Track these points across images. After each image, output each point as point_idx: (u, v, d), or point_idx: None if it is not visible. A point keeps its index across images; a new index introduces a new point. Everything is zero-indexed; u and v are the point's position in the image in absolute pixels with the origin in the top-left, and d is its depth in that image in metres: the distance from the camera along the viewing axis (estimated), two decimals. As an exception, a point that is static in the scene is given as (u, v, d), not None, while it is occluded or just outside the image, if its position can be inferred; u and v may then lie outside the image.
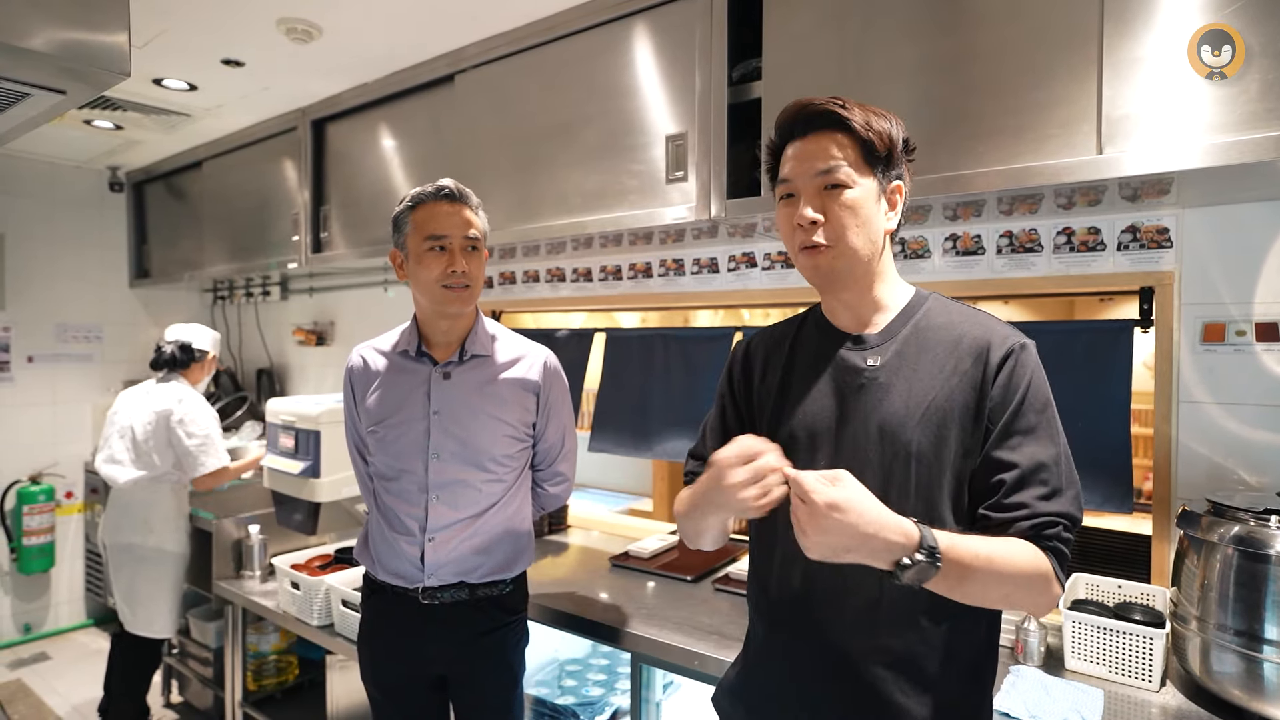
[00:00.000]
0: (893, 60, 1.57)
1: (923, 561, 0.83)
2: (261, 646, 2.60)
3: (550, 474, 1.66)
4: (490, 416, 1.51)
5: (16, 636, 3.75)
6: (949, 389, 0.96)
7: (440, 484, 1.49)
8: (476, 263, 1.50)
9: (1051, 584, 0.91)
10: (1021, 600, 0.92)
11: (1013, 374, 0.95)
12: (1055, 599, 0.93)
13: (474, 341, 1.54)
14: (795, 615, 1.03)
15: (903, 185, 1.02)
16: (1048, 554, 0.91)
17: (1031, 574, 0.90)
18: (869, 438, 0.97)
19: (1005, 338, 0.97)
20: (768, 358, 1.12)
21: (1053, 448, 0.93)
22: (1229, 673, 1.27)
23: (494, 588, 1.53)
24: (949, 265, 1.89)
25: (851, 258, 0.99)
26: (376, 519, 1.56)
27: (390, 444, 1.51)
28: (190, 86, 2.74)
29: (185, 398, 2.66)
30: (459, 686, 1.55)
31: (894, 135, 1.00)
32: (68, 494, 3.89)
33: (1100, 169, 1.33)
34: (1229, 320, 1.56)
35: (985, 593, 0.90)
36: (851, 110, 0.98)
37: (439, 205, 1.47)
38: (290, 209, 3.06)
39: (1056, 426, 0.96)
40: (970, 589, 0.88)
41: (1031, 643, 1.49)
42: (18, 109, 1.26)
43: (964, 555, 0.86)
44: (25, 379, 3.77)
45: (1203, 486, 1.56)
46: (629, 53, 2.00)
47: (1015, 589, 0.90)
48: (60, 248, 3.89)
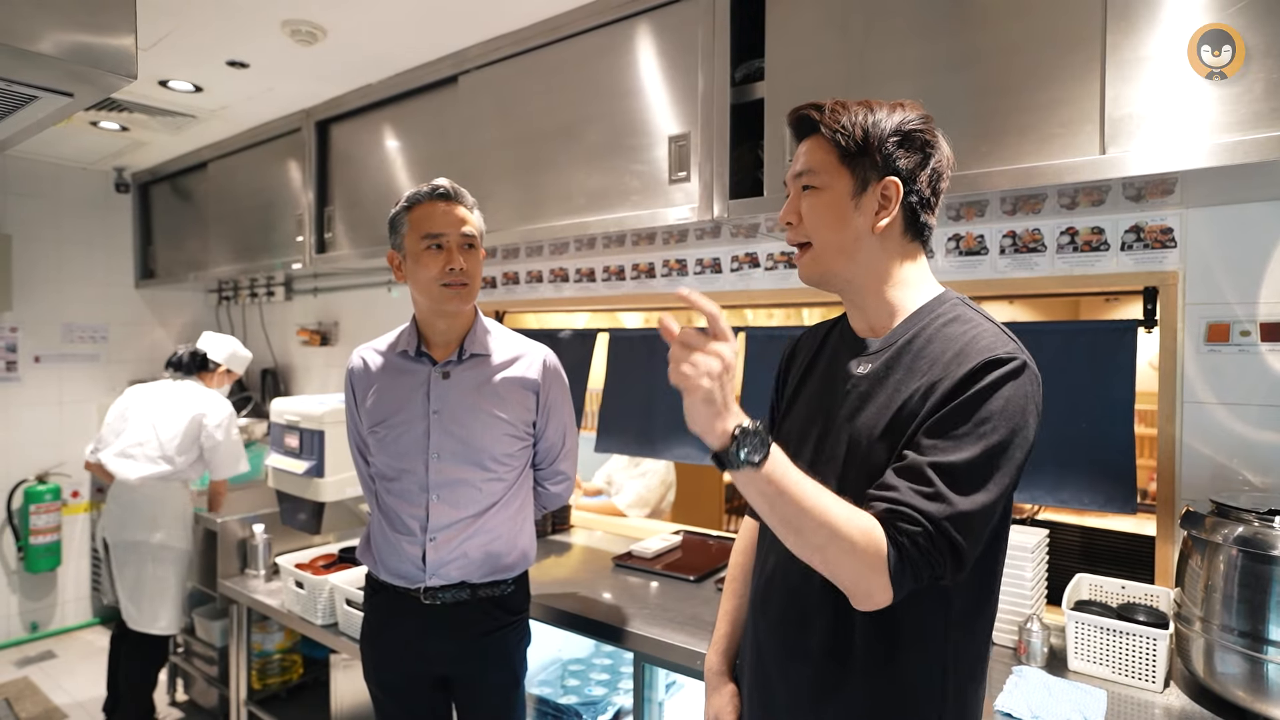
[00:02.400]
0: (896, 60, 1.57)
1: (753, 439, 0.78)
2: (266, 645, 2.61)
3: (551, 473, 1.66)
4: (490, 415, 1.51)
5: (23, 635, 3.77)
6: (917, 399, 0.89)
7: (441, 483, 1.49)
8: (474, 260, 1.50)
9: (878, 568, 0.81)
10: (841, 564, 0.82)
11: (966, 380, 0.85)
12: (881, 589, 0.82)
13: (473, 341, 1.54)
14: (759, 600, 1.07)
15: (897, 181, 0.94)
16: (890, 544, 0.81)
17: (855, 538, 0.81)
18: (839, 446, 0.96)
19: (988, 349, 0.87)
20: (800, 356, 1.13)
21: (966, 458, 0.83)
22: (1233, 674, 1.27)
23: (496, 588, 1.54)
24: (952, 265, 1.88)
25: (829, 258, 0.98)
26: (378, 519, 1.56)
27: (391, 444, 1.52)
28: (196, 88, 2.76)
29: (216, 404, 2.75)
30: (461, 686, 1.56)
31: (870, 129, 0.94)
32: (74, 493, 3.91)
33: (1103, 169, 1.33)
34: (1234, 320, 1.56)
35: (800, 527, 0.82)
36: (824, 111, 0.97)
37: (435, 205, 1.47)
38: (294, 210, 3.07)
39: (992, 453, 0.83)
40: (785, 512, 0.82)
41: (1034, 643, 1.49)
42: (26, 111, 1.27)
43: (791, 471, 0.81)
44: (32, 379, 3.79)
45: (1207, 487, 1.56)
46: (632, 53, 2.00)
47: (833, 544, 0.81)
48: (67, 248, 3.91)
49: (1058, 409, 1.65)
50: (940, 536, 0.82)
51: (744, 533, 1.25)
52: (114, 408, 2.80)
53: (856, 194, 0.96)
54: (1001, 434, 0.84)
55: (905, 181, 0.95)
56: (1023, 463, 0.87)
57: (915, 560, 0.82)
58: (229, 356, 2.93)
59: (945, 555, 0.82)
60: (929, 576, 0.83)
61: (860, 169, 0.95)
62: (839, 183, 0.96)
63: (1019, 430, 0.85)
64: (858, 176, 0.96)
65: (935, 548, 0.82)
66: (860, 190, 0.96)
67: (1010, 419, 0.84)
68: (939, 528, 0.82)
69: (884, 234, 0.96)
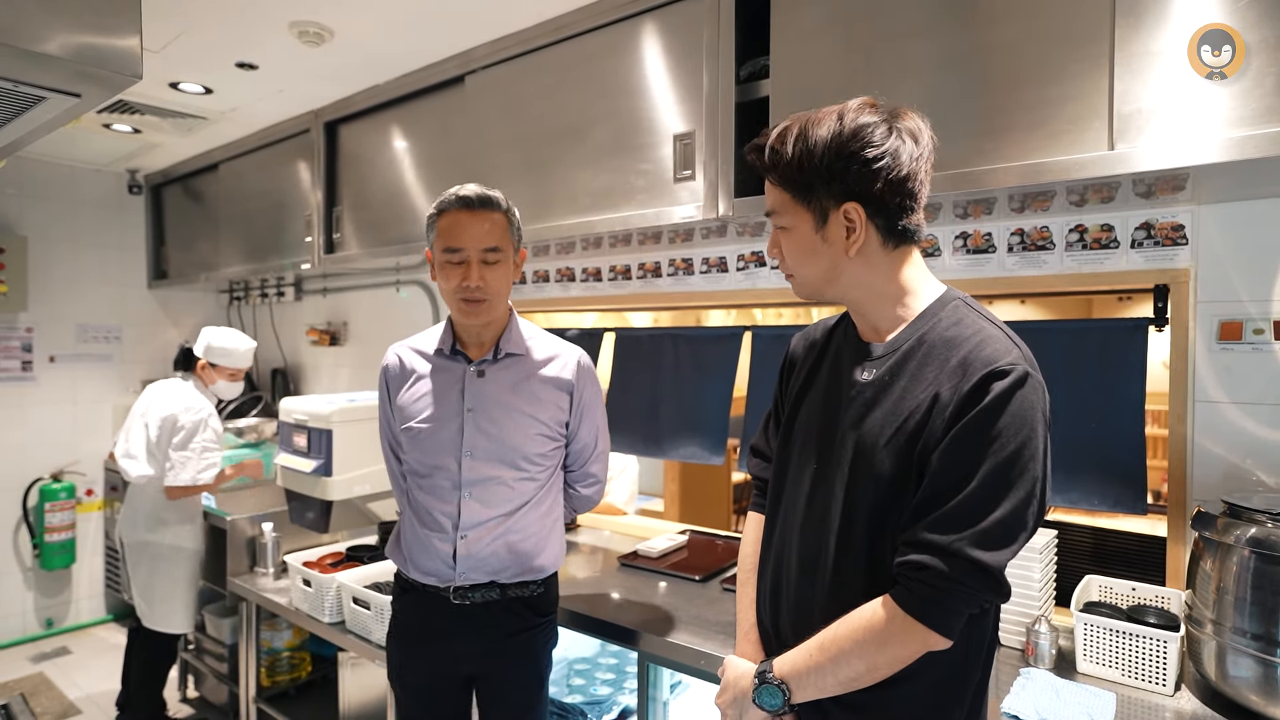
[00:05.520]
0: (902, 57, 1.56)
1: (762, 684, 0.97)
2: (275, 643, 2.63)
3: (582, 475, 1.65)
4: (523, 414, 1.50)
5: (39, 631, 3.82)
6: (923, 411, 0.89)
7: (473, 481, 1.49)
8: (496, 274, 1.46)
9: (910, 628, 0.86)
10: (889, 659, 0.89)
11: (971, 396, 0.85)
12: (928, 638, 0.87)
13: (508, 340, 1.54)
14: (765, 605, 1.09)
15: (856, 205, 0.91)
16: (902, 594, 0.87)
17: (865, 639, 0.89)
18: (845, 453, 0.96)
19: (990, 361, 0.86)
20: (804, 356, 1.13)
21: (976, 481, 0.84)
22: (1245, 677, 1.25)
23: (525, 588, 1.53)
24: (959, 264, 1.87)
25: (814, 286, 1.00)
26: (409, 516, 1.56)
27: (424, 441, 1.51)
28: (205, 90, 2.78)
29: (192, 406, 2.66)
30: (485, 686, 1.55)
31: (806, 159, 0.91)
32: (88, 491, 3.96)
33: (1111, 165, 1.32)
34: (1246, 318, 1.54)
35: (844, 681, 0.92)
36: (763, 153, 0.96)
37: (458, 215, 1.45)
38: (304, 210, 3.10)
39: (1004, 465, 0.84)
40: (825, 686, 0.93)
41: (1042, 645, 1.47)
42: (35, 112, 1.28)
43: (799, 657, 0.95)
44: (47, 378, 3.84)
45: (1219, 487, 1.54)
46: (637, 52, 2.00)
47: (864, 660, 0.89)
48: (81, 250, 3.96)
49: (1067, 409, 1.63)
50: (955, 559, 0.83)
51: (751, 526, 1.24)
52: (135, 405, 2.82)
53: (819, 227, 0.95)
54: (1011, 448, 0.84)
55: (864, 200, 0.92)
56: (1042, 470, 0.87)
57: (935, 593, 0.85)
58: (205, 349, 2.76)
59: (969, 576, 0.84)
60: (965, 602, 0.86)
61: (815, 201, 0.94)
62: (800, 220, 0.96)
63: (1029, 441, 0.85)
64: (815, 210, 0.94)
65: (954, 572, 0.84)
66: (822, 223, 0.95)
67: (1018, 432, 0.85)
68: (949, 551, 0.84)
69: (863, 253, 0.95)
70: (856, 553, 0.95)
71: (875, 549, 0.93)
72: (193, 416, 2.64)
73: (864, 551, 0.94)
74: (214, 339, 2.77)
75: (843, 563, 0.96)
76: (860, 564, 0.94)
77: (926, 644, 0.87)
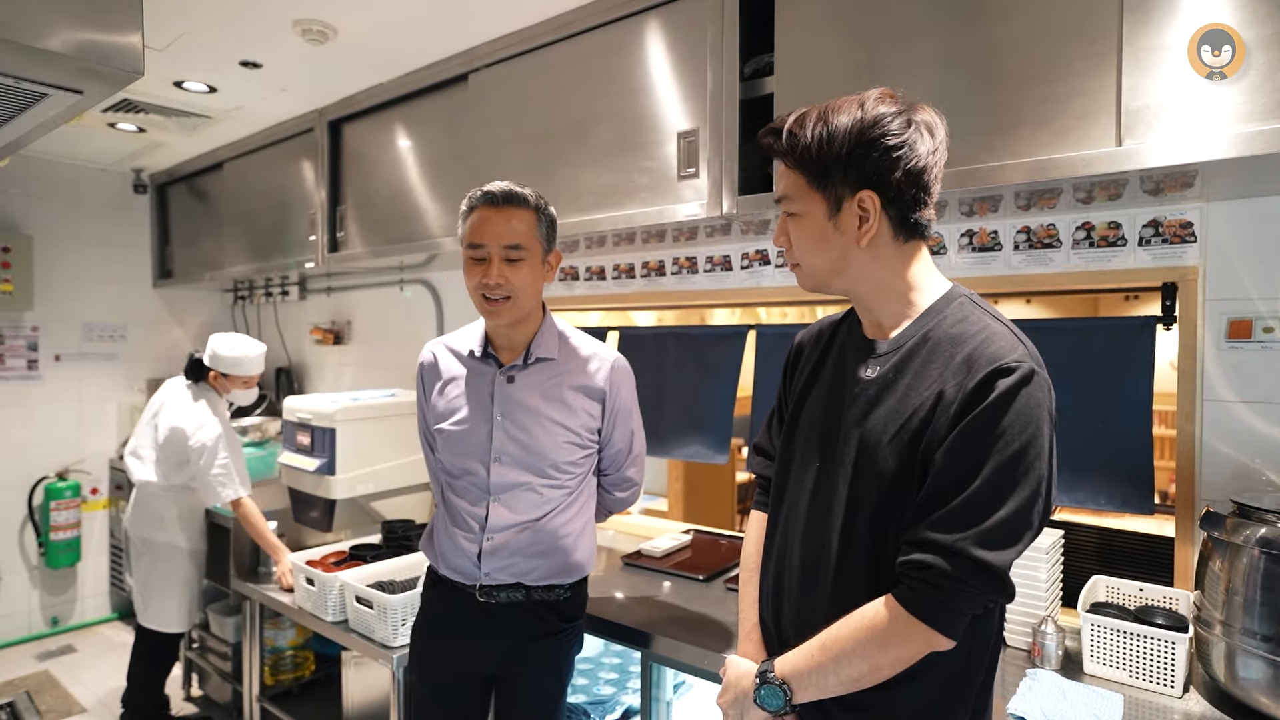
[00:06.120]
0: (906, 53, 1.55)
1: (764, 684, 0.97)
2: (279, 642, 2.63)
3: (618, 479, 1.63)
4: (553, 422, 1.48)
5: (44, 629, 3.83)
6: (927, 409, 0.88)
7: (501, 487, 1.47)
8: (519, 273, 1.43)
9: (913, 628, 0.85)
10: (893, 659, 0.88)
11: (976, 393, 0.85)
12: (932, 639, 0.86)
13: (539, 344, 1.51)
14: (768, 605, 1.09)
15: (872, 193, 0.91)
16: (905, 593, 0.86)
17: (867, 639, 0.88)
18: (849, 450, 0.96)
19: (995, 358, 0.85)
20: (809, 353, 1.12)
21: (980, 481, 0.83)
22: (1255, 679, 1.23)
23: (551, 592, 1.51)
24: (965, 262, 1.86)
25: (821, 277, 0.99)
26: (442, 513, 1.55)
27: (455, 444, 1.50)
28: (210, 88, 2.79)
29: (203, 425, 2.53)
30: (505, 687, 1.54)
31: (827, 145, 0.90)
32: (93, 490, 3.97)
33: (1120, 161, 1.30)
34: (1256, 316, 1.52)
35: (846, 681, 0.91)
36: (781, 136, 0.95)
37: (484, 211, 1.44)
38: (308, 209, 3.10)
39: (1008, 463, 0.83)
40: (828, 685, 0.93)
41: (1049, 645, 1.46)
42: (38, 109, 1.28)
43: (800, 657, 0.94)
44: (53, 377, 3.85)
45: (1228, 487, 1.52)
46: (640, 50, 1.99)
47: (867, 659, 0.89)
48: (86, 249, 3.97)
49: (1074, 408, 1.62)
50: (959, 558, 0.83)
51: (753, 525, 1.24)
52: (151, 399, 2.79)
53: (832, 214, 0.94)
54: (1016, 446, 0.83)
55: (880, 189, 0.91)
56: (1047, 469, 0.87)
57: (938, 593, 0.85)
58: (213, 358, 2.63)
59: (972, 576, 0.83)
60: (969, 602, 0.85)
61: (831, 188, 0.93)
62: (813, 207, 0.95)
63: (1034, 440, 0.84)
64: (829, 197, 0.93)
65: (957, 572, 0.83)
66: (835, 210, 0.94)
67: (1023, 430, 0.84)
68: (953, 550, 0.83)
69: (873, 244, 0.94)
70: (859, 551, 0.94)
71: (878, 548, 0.92)
72: (204, 437, 2.51)
73: (867, 550, 0.93)
74: (222, 349, 2.63)
75: (845, 561, 0.95)
76: (863, 563, 0.94)
77: (929, 644, 0.87)
